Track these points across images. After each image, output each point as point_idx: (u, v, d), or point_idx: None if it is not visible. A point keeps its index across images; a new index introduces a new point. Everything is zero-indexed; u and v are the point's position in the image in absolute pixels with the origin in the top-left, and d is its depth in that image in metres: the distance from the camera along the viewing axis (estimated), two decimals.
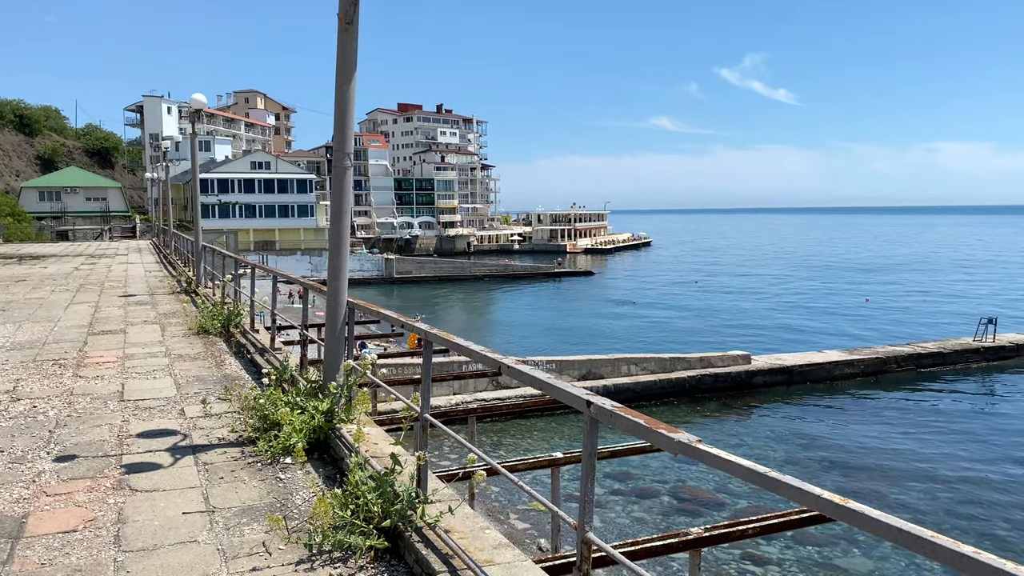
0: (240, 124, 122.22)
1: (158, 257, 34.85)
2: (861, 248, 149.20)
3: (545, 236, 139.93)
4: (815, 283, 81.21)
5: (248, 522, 5.26)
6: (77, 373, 10.09)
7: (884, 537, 2.24)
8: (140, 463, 6.49)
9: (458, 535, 4.57)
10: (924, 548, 2.09)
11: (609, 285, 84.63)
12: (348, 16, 6.47)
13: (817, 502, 2.38)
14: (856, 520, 2.28)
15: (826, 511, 2.37)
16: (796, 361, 33.23)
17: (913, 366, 34.60)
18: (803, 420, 28.17)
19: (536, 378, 3.95)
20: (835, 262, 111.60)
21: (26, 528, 5.14)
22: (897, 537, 2.16)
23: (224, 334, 12.92)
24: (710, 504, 19.96)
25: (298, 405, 6.87)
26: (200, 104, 19.19)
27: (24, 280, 23.50)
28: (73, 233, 69.12)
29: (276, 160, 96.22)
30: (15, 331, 13.62)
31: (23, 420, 7.85)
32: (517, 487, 4.31)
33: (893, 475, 22.61)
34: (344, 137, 6.91)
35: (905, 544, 2.14)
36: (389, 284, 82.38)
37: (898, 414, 29.10)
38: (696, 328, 52.11)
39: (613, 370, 29.76)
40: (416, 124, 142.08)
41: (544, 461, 11.73)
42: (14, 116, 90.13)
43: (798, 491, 2.44)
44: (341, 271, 7.11)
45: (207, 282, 19.56)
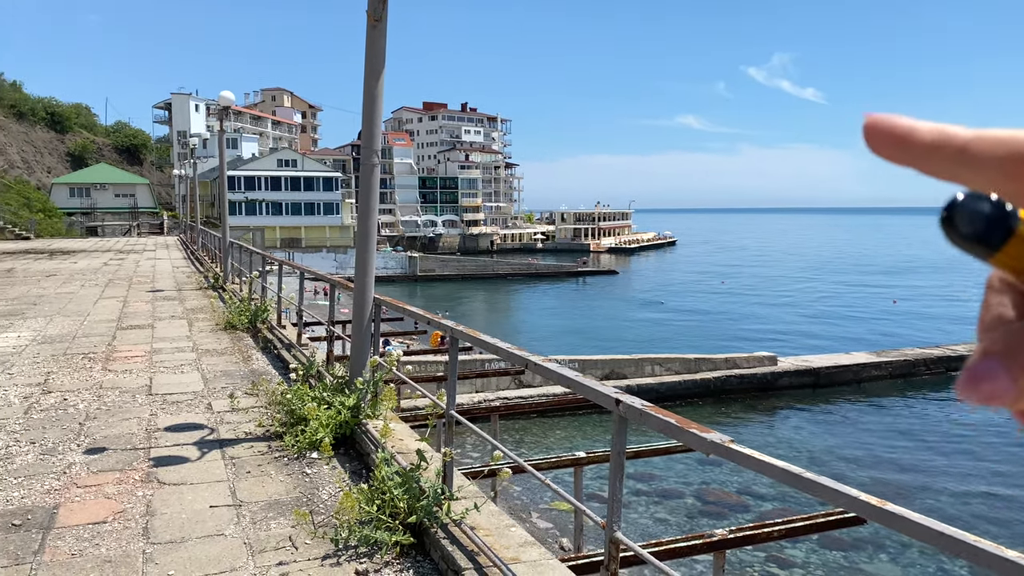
0: (267, 122, 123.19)
1: (185, 253, 35.21)
2: (890, 249, 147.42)
3: (568, 235, 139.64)
4: (842, 284, 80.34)
5: (275, 516, 5.28)
6: (106, 367, 10.21)
7: (923, 540, 2.20)
8: (168, 456, 6.55)
9: (484, 532, 4.56)
10: (965, 552, 2.04)
11: (633, 285, 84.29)
12: (377, 14, 6.48)
13: (853, 504, 2.34)
14: (894, 523, 2.23)
15: (863, 513, 2.33)
16: (823, 363, 32.85)
17: (943, 369, 34.06)
18: (829, 422, 27.87)
19: (564, 376, 3.92)
20: (863, 263, 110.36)
21: (57, 519, 5.20)
22: (937, 540, 2.11)
23: (251, 330, 13.02)
24: (735, 506, 19.80)
25: (325, 400, 6.90)
26: (228, 102, 19.34)
27: (55, 275, 23.84)
28: (102, 229, 70.06)
29: (302, 158, 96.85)
30: (46, 325, 13.82)
31: (54, 412, 7.95)
32: (540, 485, 4.29)
33: (921, 479, 22.30)
34: (372, 135, 6.92)
35: (946, 548, 2.09)
36: (412, 282, 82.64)
37: (927, 418, 28.70)
38: (721, 328, 51.74)
39: (637, 370, 29.61)
40: (441, 123, 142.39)
41: (567, 460, 11.68)
42: (46, 113, 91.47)
43: (834, 492, 2.40)
44: (368, 267, 7.13)
45: (234, 278, 19.73)
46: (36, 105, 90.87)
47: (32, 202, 65.64)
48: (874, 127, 0.48)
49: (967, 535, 2.06)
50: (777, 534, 9.32)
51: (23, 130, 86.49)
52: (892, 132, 0.48)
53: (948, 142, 0.46)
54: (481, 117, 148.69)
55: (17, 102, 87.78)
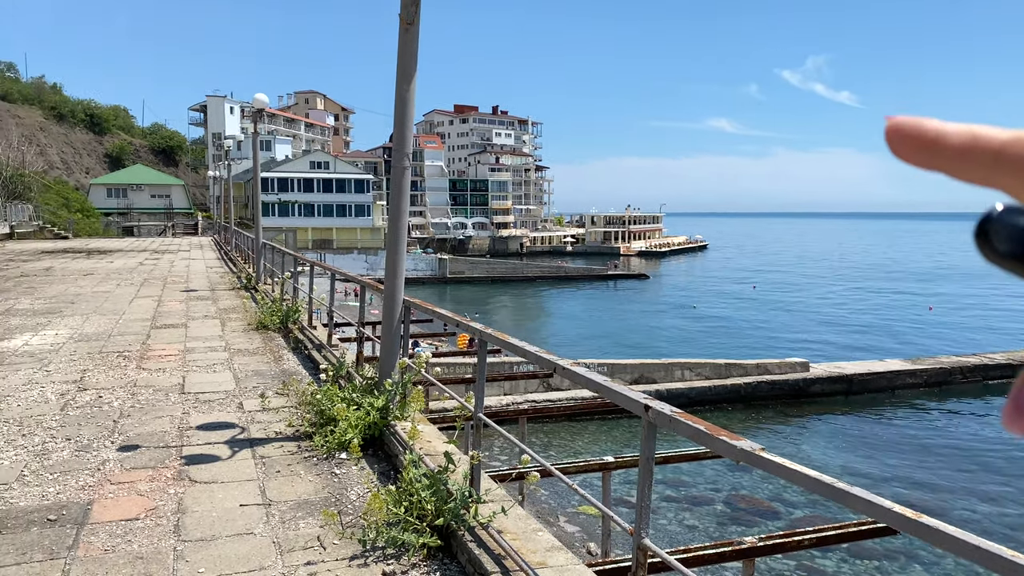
0: (300, 124, 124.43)
1: (219, 254, 35.67)
2: (925, 254, 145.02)
3: (598, 238, 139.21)
4: (876, 290, 79.19)
5: (303, 516, 5.32)
6: (140, 365, 10.37)
7: (958, 554, 2.15)
8: (199, 455, 6.63)
9: (511, 536, 4.55)
10: (1003, 568, 1.99)
11: (663, 288, 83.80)
12: (409, 17, 6.51)
13: (888, 515, 2.30)
14: (930, 536, 2.19)
15: (898, 525, 2.28)
16: (856, 369, 32.39)
17: (980, 377, 33.43)
18: (862, 430, 27.46)
19: (593, 380, 3.90)
20: (898, 269, 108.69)
21: (91, 515, 5.29)
22: (973, 554, 2.06)
23: (282, 330, 13.15)
24: (765, 513, 19.59)
25: (354, 401, 6.94)
26: (262, 104, 19.56)
27: (91, 274, 24.27)
28: (138, 229, 71.22)
29: (334, 160, 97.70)
30: (83, 323, 14.07)
31: (89, 410, 8.09)
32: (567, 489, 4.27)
33: (957, 489, 21.89)
34: (403, 138, 6.96)
35: (982, 562, 2.04)
36: (442, 284, 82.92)
37: (963, 427, 28.16)
38: (753, 334, 51.24)
39: (666, 375, 29.43)
40: (472, 125, 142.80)
41: (595, 464, 11.63)
42: (85, 115, 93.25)
43: (868, 503, 2.36)
44: (398, 269, 7.16)
45: (266, 279, 19.93)
46: (76, 107, 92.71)
47: (71, 202, 66.94)
48: (897, 130, 0.45)
49: (1004, 549, 2.01)
50: (808, 543, 9.20)
51: (63, 131, 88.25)
52: (918, 136, 0.44)
53: (982, 145, 0.43)
54: (512, 120, 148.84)
55: (57, 104, 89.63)
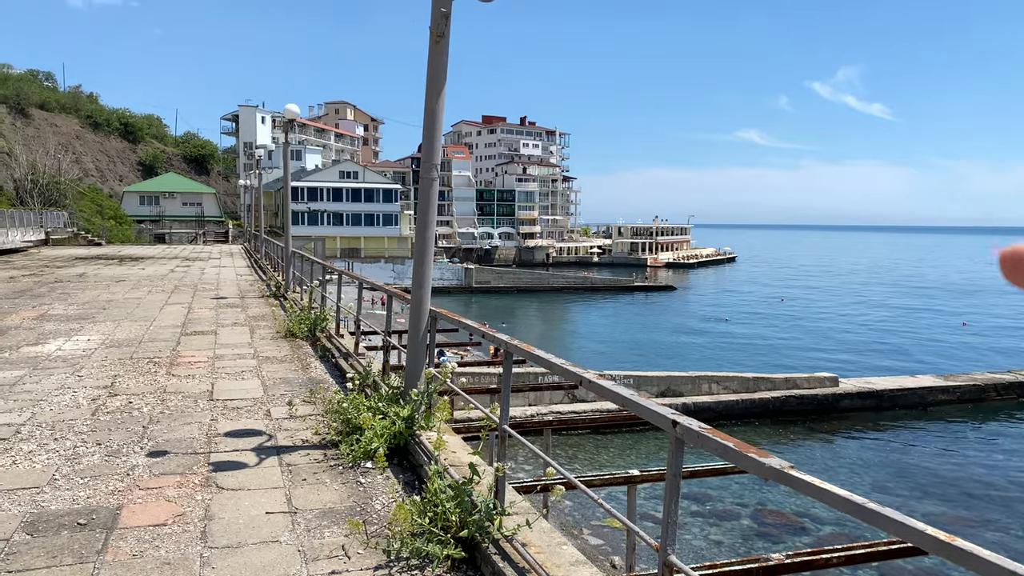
0: (330, 134, 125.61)
1: (249, 261, 36.04)
2: (959, 269, 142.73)
3: (625, 249, 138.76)
4: (909, 305, 78.06)
5: (329, 525, 5.34)
6: (170, 372, 10.49)
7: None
8: (227, 461, 6.68)
9: (535, 549, 4.53)
10: None
11: (691, 301, 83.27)
12: (440, 30, 6.55)
13: (920, 537, 2.25)
14: (963, 559, 2.14)
15: (930, 548, 2.24)
16: (887, 385, 31.93)
17: (1015, 395, 32.79)
18: (893, 447, 27.03)
19: (619, 394, 3.88)
20: (930, 283, 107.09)
21: (120, 520, 5.35)
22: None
23: (310, 338, 13.24)
24: (792, 530, 19.34)
25: (380, 410, 6.96)
26: (293, 114, 19.77)
27: (124, 280, 24.64)
28: (170, 236, 72.24)
29: (363, 170, 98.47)
30: (114, 329, 14.27)
31: (119, 415, 8.19)
32: (592, 502, 4.24)
33: (990, 509, 21.45)
34: (432, 150, 6.99)
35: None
36: (468, 293, 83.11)
37: (997, 446, 27.61)
38: (781, 347, 50.73)
39: (693, 388, 29.21)
40: (499, 136, 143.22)
41: (620, 478, 11.54)
42: (120, 124, 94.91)
43: (899, 524, 2.31)
44: (425, 279, 7.19)
45: (295, 287, 20.10)
46: (111, 116, 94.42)
47: (104, 209, 68.11)
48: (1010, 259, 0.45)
49: None
50: (836, 561, 9.05)
51: (98, 140, 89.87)
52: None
53: None
54: (539, 131, 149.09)
55: (93, 113, 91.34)
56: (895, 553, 9.09)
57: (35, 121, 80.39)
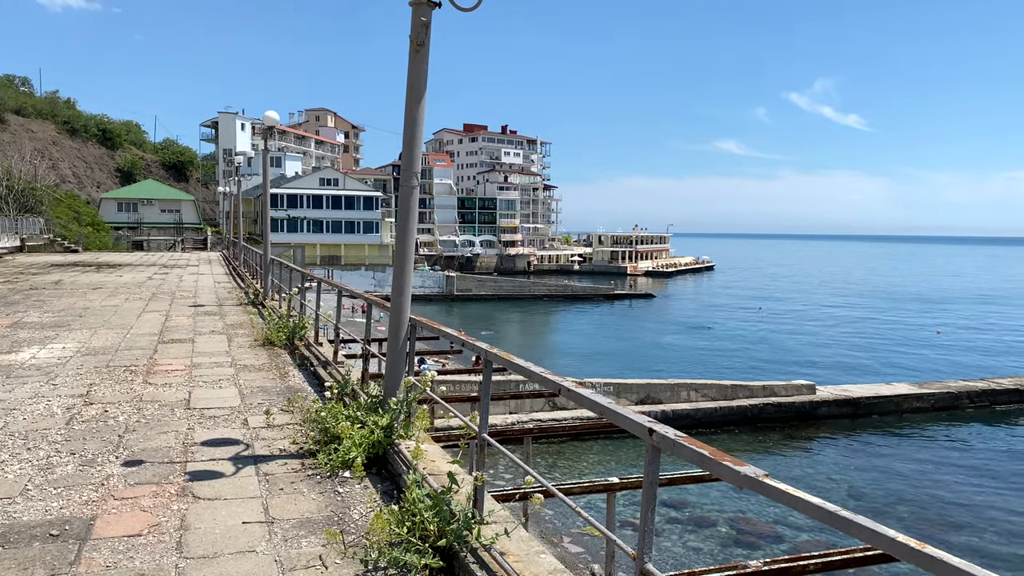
0: (310, 141, 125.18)
1: (227, 269, 35.79)
2: (932, 278, 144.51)
3: (606, 257, 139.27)
4: (883, 313, 78.90)
5: (306, 534, 5.31)
6: (147, 380, 10.39)
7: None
8: (203, 471, 6.63)
9: (513, 558, 4.53)
10: None
11: (670, 309, 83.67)
12: (419, 39, 6.57)
13: (892, 545, 2.28)
14: (934, 567, 2.17)
15: (902, 555, 2.27)
16: (863, 393, 32.23)
17: (988, 402, 33.23)
18: (869, 454, 27.28)
19: (597, 403, 3.90)
20: (905, 292, 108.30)
21: (93, 530, 5.28)
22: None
23: (289, 346, 13.16)
24: (769, 537, 19.44)
25: (358, 419, 6.93)
26: (273, 121, 19.69)
27: (101, 288, 24.39)
28: (148, 243, 71.58)
29: (344, 177, 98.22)
30: (90, 337, 14.12)
31: (95, 424, 8.10)
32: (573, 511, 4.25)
33: (963, 517, 21.69)
34: (412, 158, 7.00)
35: None
36: (449, 301, 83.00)
37: (971, 452, 27.95)
38: (759, 355, 51.07)
39: (672, 395, 29.33)
40: (481, 144, 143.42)
41: (600, 485, 11.56)
42: (97, 130, 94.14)
43: (871, 532, 2.34)
44: (405, 287, 7.18)
45: (274, 295, 19.99)
46: (88, 122, 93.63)
47: (81, 216, 67.37)
48: None
49: None
50: (813, 567, 9.12)
51: (75, 146, 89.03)
52: None
53: None
54: (521, 139, 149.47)
55: (71, 119, 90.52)
56: (870, 560, 9.17)
57: (11, 127, 79.51)
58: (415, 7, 6.54)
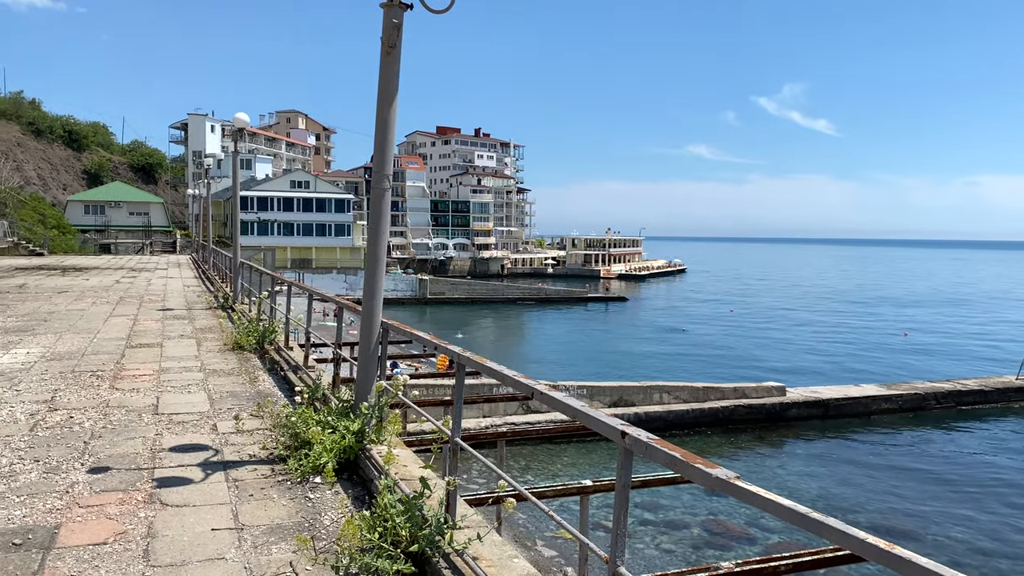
0: (281, 143, 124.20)
1: (197, 272, 35.38)
2: (899, 281, 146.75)
3: (579, 261, 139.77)
4: (852, 316, 79.95)
5: (276, 541, 5.25)
6: (114, 385, 10.23)
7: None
8: (172, 477, 6.53)
9: (486, 563, 4.51)
10: None
11: (643, 311, 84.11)
12: (391, 41, 6.54)
13: (861, 546, 2.30)
14: (902, 567, 2.19)
15: (870, 555, 2.29)
16: (832, 394, 32.61)
17: (953, 403, 33.79)
18: (838, 455, 27.60)
19: (570, 406, 3.90)
20: (872, 295, 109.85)
21: (58, 539, 5.18)
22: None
23: (259, 350, 13.03)
24: (741, 538, 19.58)
25: (329, 424, 6.87)
26: (243, 123, 19.53)
27: (66, 292, 23.98)
28: (115, 246, 70.56)
29: (315, 179, 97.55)
30: (56, 342, 13.87)
31: (59, 430, 7.95)
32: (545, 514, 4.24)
33: (930, 515, 22.01)
34: (384, 160, 6.96)
35: None
36: (422, 304, 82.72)
37: (937, 452, 28.40)
38: (730, 358, 51.50)
39: (645, 398, 29.46)
40: (454, 147, 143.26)
41: (573, 488, 11.57)
42: (64, 131, 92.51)
43: (841, 533, 2.36)
44: (377, 291, 7.13)
45: (244, 298, 19.78)
46: (54, 123, 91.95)
47: (47, 218, 66.20)
48: None
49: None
50: (784, 568, 9.19)
51: (41, 147, 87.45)
52: None
53: None
54: (494, 142, 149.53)
55: (36, 120, 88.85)
56: (839, 560, 9.27)
57: None
58: (386, 9, 6.51)
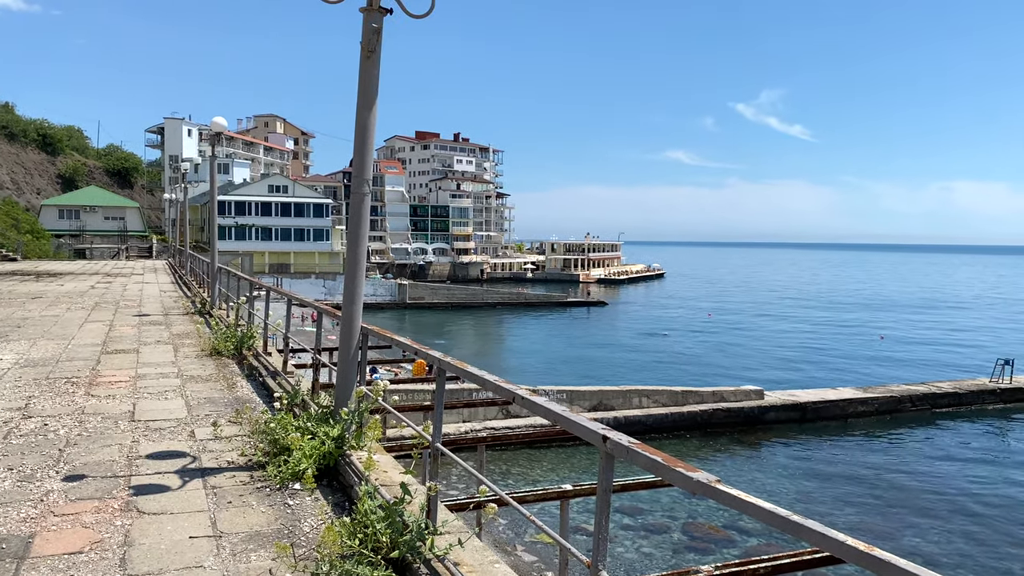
0: (259, 148, 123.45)
1: (173, 277, 35.06)
2: (875, 285, 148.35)
3: (559, 265, 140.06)
4: (829, 319, 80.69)
5: (255, 548, 5.20)
6: (89, 392, 10.10)
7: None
8: (149, 485, 6.46)
9: (467, 568, 4.50)
10: None
11: (622, 316, 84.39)
12: (371, 46, 6.53)
13: (840, 548, 2.32)
14: (881, 568, 2.21)
15: (849, 557, 2.31)
16: (809, 398, 32.90)
17: (928, 406, 34.19)
18: (816, 457, 27.83)
19: (551, 411, 3.90)
20: (848, 298, 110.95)
21: (32, 548, 5.10)
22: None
23: (237, 356, 12.92)
24: (721, 541, 19.68)
25: (309, 430, 6.83)
26: (220, 127, 19.38)
27: (40, 297, 23.67)
28: (91, 251, 69.76)
29: (293, 184, 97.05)
30: (29, 348, 13.68)
31: (34, 438, 7.84)
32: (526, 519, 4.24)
33: (906, 516, 22.25)
34: (363, 164, 6.94)
35: None
36: (402, 309, 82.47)
37: (912, 454, 28.72)
38: (708, 361, 51.79)
39: (624, 402, 29.56)
40: (433, 152, 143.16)
41: (553, 493, 11.60)
42: (37, 135, 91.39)
43: (820, 536, 2.38)
44: (356, 296, 7.11)
45: (221, 303, 19.63)
46: (28, 127, 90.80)
47: (20, 223, 65.32)
48: None
49: None
50: (763, 571, 9.25)
51: (14, 151, 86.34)
52: None
53: None
54: (473, 147, 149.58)
55: (9, 123, 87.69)
56: (819, 562, 9.34)
57: None
58: (366, 13, 6.50)
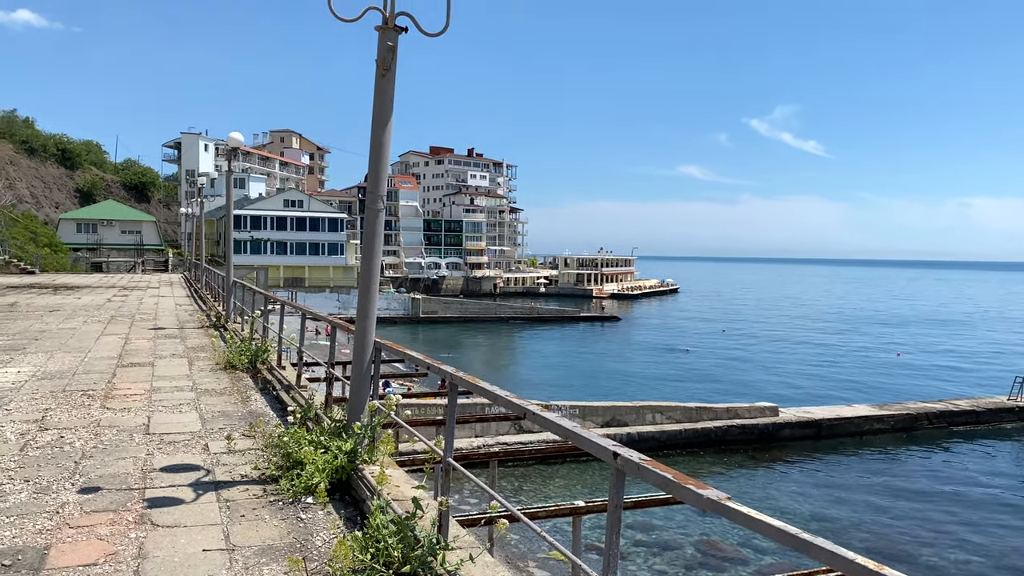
0: (275, 163, 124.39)
1: (189, 291, 35.29)
2: (891, 301, 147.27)
3: (572, 280, 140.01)
4: (844, 335, 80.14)
5: (267, 562, 5.22)
6: (105, 405, 10.18)
7: None
8: (163, 497, 6.50)
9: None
10: None
11: (635, 331, 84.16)
12: (386, 64, 6.60)
13: (850, 567, 2.32)
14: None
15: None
16: (825, 415, 32.66)
17: (945, 423, 33.84)
18: (831, 475, 27.58)
19: (562, 427, 3.91)
20: (865, 315, 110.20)
21: (47, 560, 5.15)
22: None
23: (251, 370, 12.99)
24: (734, 559, 19.52)
25: (322, 444, 6.86)
26: (237, 142, 19.56)
27: (58, 310, 23.89)
28: (107, 265, 70.36)
29: (309, 199, 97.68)
30: (47, 360, 13.81)
31: (50, 450, 7.90)
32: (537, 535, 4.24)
33: (923, 536, 21.99)
34: (378, 180, 7.00)
35: None
36: (415, 323, 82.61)
37: (929, 472, 28.41)
38: (722, 378, 51.52)
39: (637, 418, 29.44)
40: (447, 167, 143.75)
41: (565, 509, 11.56)
42: (56, 150, 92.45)
43: (831, 554, 2.38)
44: (370, 310, 7.15)
45: (236, 317, 19.74)
46: (47, 141, 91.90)
47: (38, 236, 65.99)
48: None
49: None
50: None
51: (33, 166, 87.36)
52: None
53: None
54: (487, 162, 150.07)
55: (29, 138, 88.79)
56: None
57: None
58: (381, 32, 6.57)
